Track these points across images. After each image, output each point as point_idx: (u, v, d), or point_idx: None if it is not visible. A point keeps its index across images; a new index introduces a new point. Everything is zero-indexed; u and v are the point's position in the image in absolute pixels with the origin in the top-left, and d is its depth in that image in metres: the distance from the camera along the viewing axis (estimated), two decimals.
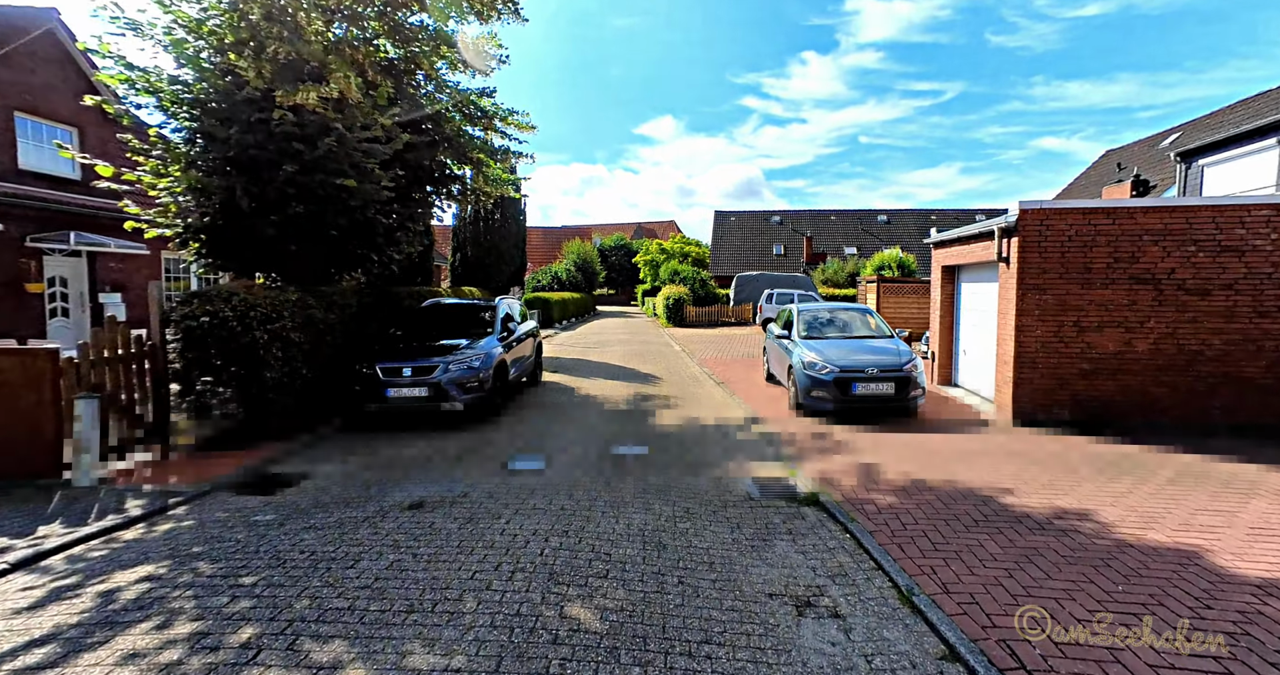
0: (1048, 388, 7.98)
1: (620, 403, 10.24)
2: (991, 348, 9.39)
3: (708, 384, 12.22)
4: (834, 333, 9.98)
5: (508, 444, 7.42)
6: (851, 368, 8.48)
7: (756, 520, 5.10)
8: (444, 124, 10.86)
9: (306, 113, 7.68)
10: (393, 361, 8.11)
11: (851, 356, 8.76)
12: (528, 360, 11.11)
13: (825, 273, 37.45)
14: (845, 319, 10.38)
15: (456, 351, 8.46)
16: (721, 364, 14.84)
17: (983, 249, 9.20)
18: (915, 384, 8.47)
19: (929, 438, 7.56)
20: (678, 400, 10.48)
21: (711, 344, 19.82)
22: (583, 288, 44.14)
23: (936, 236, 11.33)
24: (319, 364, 8.30)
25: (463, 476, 6.16)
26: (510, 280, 19.78)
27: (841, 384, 8.40)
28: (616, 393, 11.20)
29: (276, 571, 3.99)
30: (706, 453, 7.15)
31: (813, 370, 8.67)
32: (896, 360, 8.61)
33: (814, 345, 9.25)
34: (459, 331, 9.48)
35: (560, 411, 9.49)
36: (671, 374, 13.60)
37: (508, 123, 12.08)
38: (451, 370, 8.09)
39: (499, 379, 8.91)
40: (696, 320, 29.13)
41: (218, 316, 6.74)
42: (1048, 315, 7.91)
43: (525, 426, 8.38)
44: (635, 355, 17.14)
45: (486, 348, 8.79)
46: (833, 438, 7.69)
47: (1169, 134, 24.75)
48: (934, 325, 11.61)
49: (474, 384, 8.20)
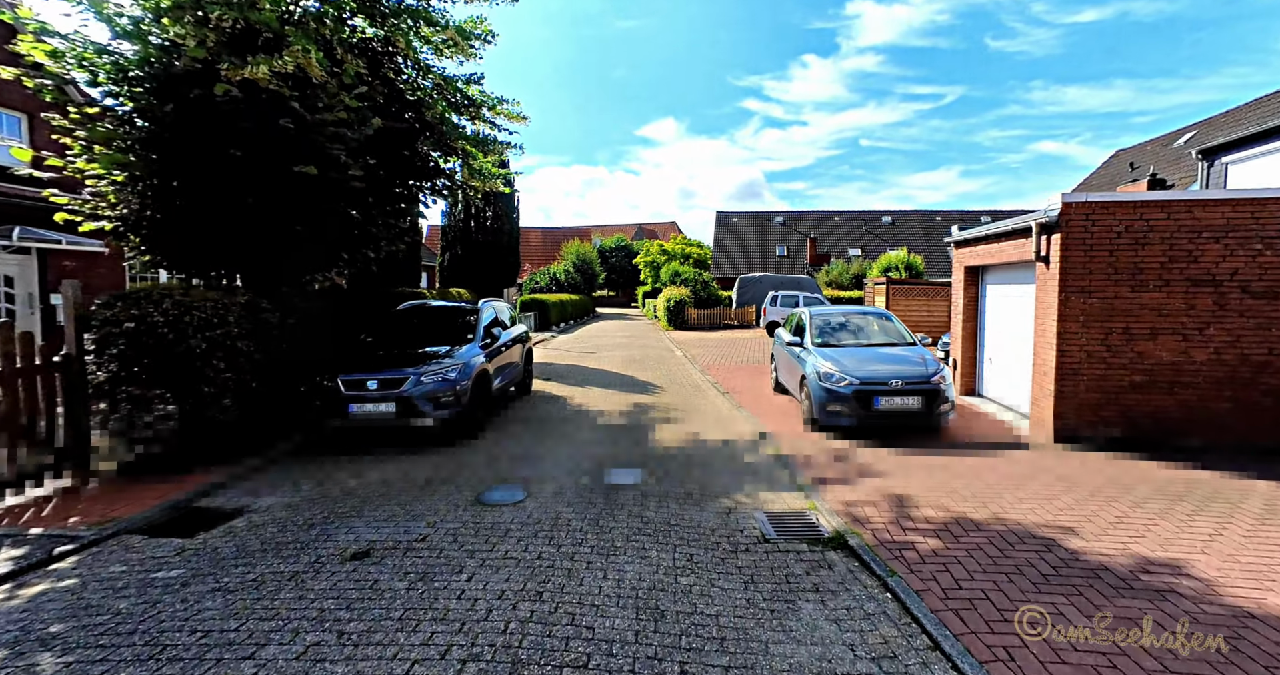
0: (1093, 402, 7.07)
1: (616, 416, 9.34)
2: (1025, 356, 8.49)
3: (711, 394, 11.31)
4: (850, 339, 9.08)
5: (485, 468, 6.50)
6: (873, 379, 7.58)
7: (775, 571, 4.19)
8: (425, 111, 9.96)
9: (259, 90, 6.79)
10: (357, 373, 7.20)
11: (872, 366, 7.86)
12: (515, 368, 10.21)
13: (829, 275, 36.54)
14: (862, 324, 9.48)
15: (431, 361, 7.55)
16: (725, 371, 13.94)
17: (1015, 248, 8.31)
18: (944, 397, 7.57)
19: (963, 459, 6.65)
20: (679, 413, 9.57)
21: (714, 348, 18.92)
22: (582, 289, 43.25)
23: (958, 235, 10.44)
24: (275, 375, 7.39)
25: (426, 512, 5.25)
26: (503, 281, 18.86)
27: (862, 398, 7.50)
28: (612, 404, 10.29)
29: (144, 669, 3.06)
30: (712, 478, 6.24)
31: (829, 382, 7.77)
32: (922, 371, 7.71)
33: (830, 354, 8.35)
34: (437, 338, 8.57)
35: (549, 426, 8.57)
36: (672, 382, 12.70)
37: (497, 112, 11.19)
38: (423, 383, 7.18)
39: (480, 391, 8.00)
40: (698, 323, 28.24)
41: (145, 321, 5.84)
42: (1094, 321, 7.02)
43: (508, 446, 7.46)
44: (634, 361, 16.24)
45: (465, 357, 7.89)
46: (854, 459, 6.78)
47: (1183, 133, 23.93)
48: (955, 331, 10.72)
49: (449, 398, 7.29)
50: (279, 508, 5.42)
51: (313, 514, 5.23)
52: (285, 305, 7.79)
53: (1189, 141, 22.26)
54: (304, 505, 5.46)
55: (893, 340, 9.05)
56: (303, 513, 5.26)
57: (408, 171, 10.39)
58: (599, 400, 10.63)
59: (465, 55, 10.83)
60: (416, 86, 10.23)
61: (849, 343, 8.93)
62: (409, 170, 10.39)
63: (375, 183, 9.51)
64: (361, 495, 5.70)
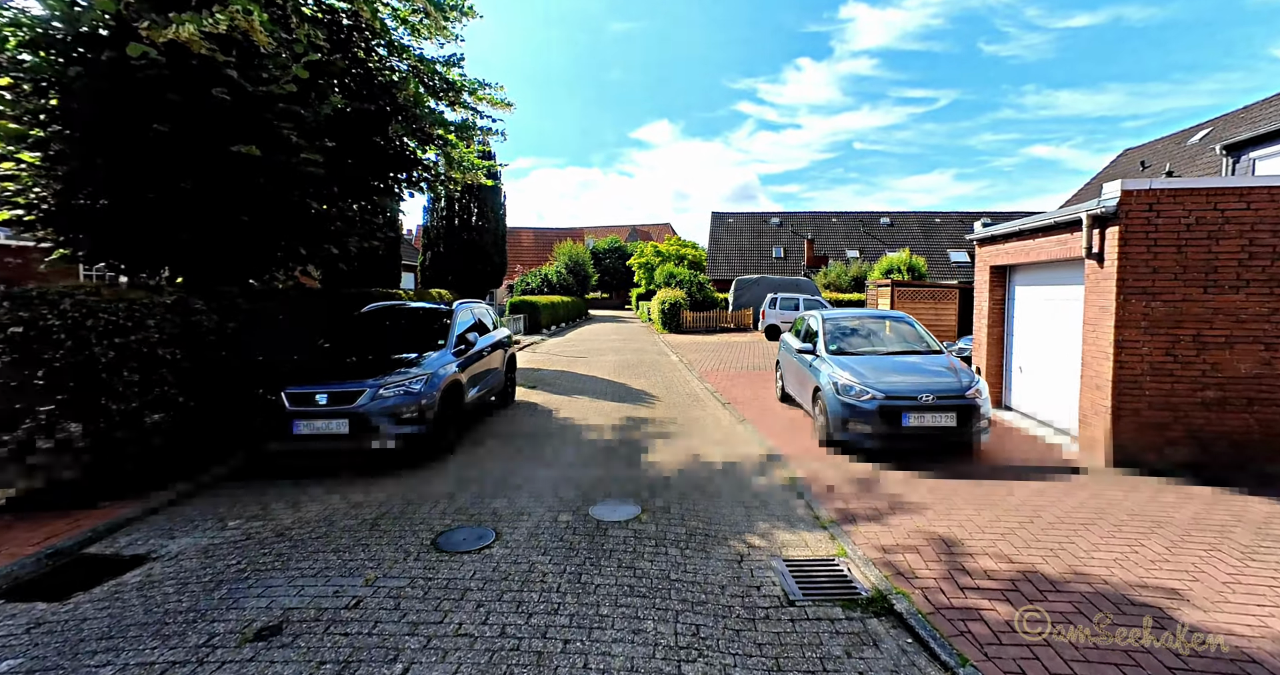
0: (1157, 421, 6.14)
1: (606, 431, 8.35)
2: (1067, 367, 7.56)
3: (711, 404, 10.34)
4: (868, 346, 8.13)
5: (450, 500, 5.50)
6: (900, 393, 6.62)
7: (806, 653, 3.23)
8: (397, 92, 8.96)
9: (187, 55, 5.79)
10: (304, 385, 6.18)
11: (897, 378, 6.90)
12: (495, 376, 9.21)
13: (828, 276, 35.68)
14: (879, 329, 8.53)
15: (393, 371, 6.55)
16: (725, 378, 12.98)
17: (1056, 244, 7.38)
18: (980, 414, 6.63)
19: (1011, 489, 5.70)
20: (677, 428, 8.59)
21: (712, 353, 17.96)
22: (574, 291, 42.24)
23: (983, 231, 9.51)
24: (212, 388, 6.38)
25: (368, 562, 4.25)
26: (488, 282, 17.84)
27: (888, 414, 6.54)
28: (603, 417, 9.30)
29: None
30: (717, 512, 5.27)
31: (849, 395, 6.81)
32: (955, 383, 6.76)
33: (847, 363, 7.39)
34: (404, 344, 7.57)
35: (530, 445, 7.58)
36: (669, 391, 11.72)
37: (478, 98, 10.23)
38: (382, 396, 6.17)
39: (449, 405, 7.01)
40: (694, 326, 27.28)
41: (37, 325, 4.82)
42: (1158, 327, 6.09)
43: (479, 470, 6.46)
44: (627, 367, 15.26)
45: (433, 366, 6.89)
46: (882, 487, 5.82)
47: (1197, 130, 23.17)
48: (978, 336, 9.79)
49: (413, 413, 6.28)
50: (191, 554, 4.41)
51: (228, 564, 4.22)
52: (227, 306, 6.77)
53: (1205, 139, 21.49)
54: (223, 550, 4.46)
55: (915, 347, 8.10)
56: (217, 562, 4.25)
57: (379, 160, 9.38)
58: (588, 412, 9.64)
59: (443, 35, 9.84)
60: (389, 68, 9.24)
61: (868, 350, 7.97)
62: (380, 159, 9.38)
63: (339, 171, 8.52)
64: (295, 537, 4.69)
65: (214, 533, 4.82)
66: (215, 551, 4.45)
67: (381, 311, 8.37)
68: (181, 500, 5.54)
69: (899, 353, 7.89)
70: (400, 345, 7.51)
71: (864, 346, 8.11)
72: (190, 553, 4.44)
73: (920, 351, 7.95)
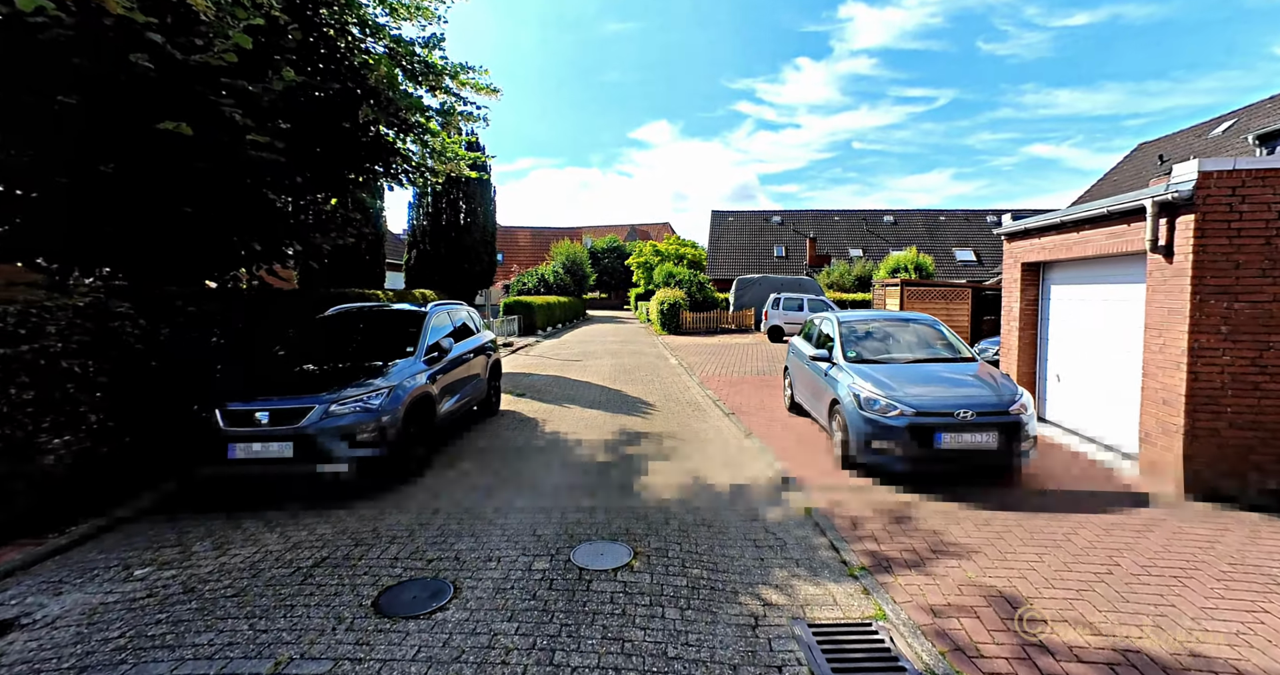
0: (1241, 443, 5.25)
1: (598, 448, 7.47)
2: (1119, 377, 6.68)
3: (713, 415, 9.46)
4: (891, 353, 7.24)
5: (405, 541, 4.62)
6: (933, 408, 5.74)
7: None
8: (368, 73, 8.08)
9: (99, 14, 4.92)
10: (244, 401, 5.30)
11: (929, 391, 6.02)
12: (476, 385, 8.34)
13: (830, 276, 34.77)
14: (901, 333, 7.64)
15: (351, 383, 5.66)
16: (728, 384, 12.09)
17: (1107, 237, 6.50)
18: (1026, 433, 5.75)
19: (1072, 525, 4.82)
20: (676, 443, 7.71)
21: (713, 356, 17.08)
22: (571, 291, 41.35)
23: (1013, 225, 8.63)
24: (140, 405, 5.50)
25: (287, 633, 3.37)
26: (478, 282, 16.94)
27: (920, 433, 5.66)
28: (594, 430, 8.42)
29: None
30: (724, 555, 4.39)
31: (873, 410, 5.94)
32: (995, 396, 5.87)
33: (869, 373, 6.51)
34: (369, 351, 6.70)
35: (511, 466, 6.70)
36: (667, 398, 10.84)
37: (461, 82, 9.38)
38: (335, 413, 5.29)
39: (417, 421, 6.13)
40: (694, 327, 26.41)
41: None
42: (1242, 333, 5.20)
43: (448, 498, 5.57)
44: (623, 371, 14.38)
45: (399, 376, 6.01)
46: (918, 521, 4.94)
47: (1219, 122, 22.30)
48: (1007, 340, 8.91)
49: (371, 433, 5.40)
50: (72, 619, 3.54)
51: (107, 638, 3.34)
52: (161, 309, 5.89)
53: (1230, 130, 20.63)
54: (111, 614, 3.58)
55: (943, 353, 7.22)
56: (95, 635, 3.37)
57: (351, 149, 8.50)
58: (579, 424, 8.76)
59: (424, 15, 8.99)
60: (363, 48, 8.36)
61: (892, 357, 7.09)
62: (352, 147, 8.50)
63: (304, 160, 7.67)
64: (207, 594, 3.81)
65: (112, 586, 3.94)
66: (101, 617, 3.57)
67: (346, 315, 7.49)
68: (88, 540, 4.67)
69: (926, 360, 7.01)
70: (364, 353, 6.63)
71: (886, 353, 7.23)
72: (71, 617, 3.56)
73: (950, 359, 7.07)
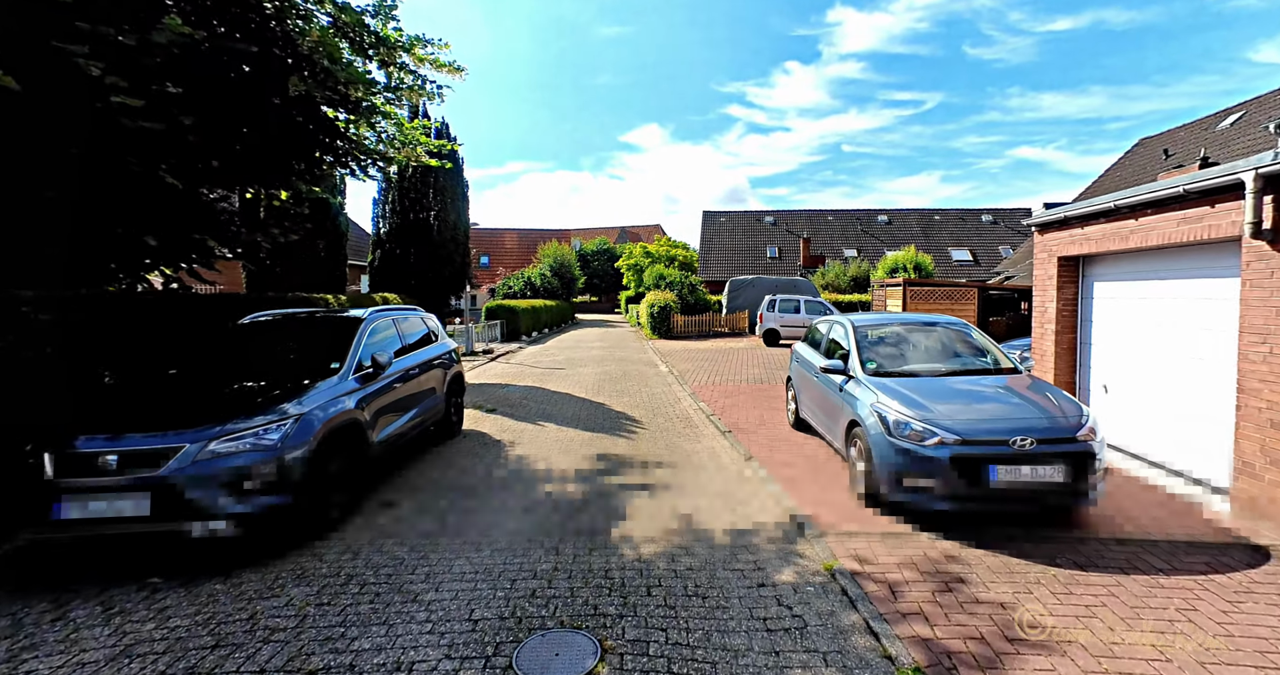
0: None
1: (570, 479, 6.27)
2: (1193, 390, 5.57)
3: (707, 432, 8.28)
4: (918, 363, 6.10)
5: (288, 636, 3.38)
6: (982, 435, 4.59)
7: None
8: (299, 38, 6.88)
9: None
10: (88, 439, 4.04)
11: (973, 412, 4.87)
12: (429, 405, 7.12)
13: (825, 277, 33.76)
14: (925, 340, 6.50)
15: (244, 413, 4.43)
16: (723, 395, 10.93)
17: (1178, 223, 5.40)
18: (1098, 464, 4.61)
19: (1183, 592, 3.67)
20: (664, 472, 6.52)
21: (705, 362, 15.93)
22: (559, 295, 40.07)
23: (1049, 213, 7.53)
24: None
25: None
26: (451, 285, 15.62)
27: (966, 466, 4.51)
28: (569, 454, 7.23)
29: None
30: (723, 651, 3.20)
31: (904, 437, 4.78)
32: (1057, 419, 4.73)
33: (896, 389, 5.35)
34: (287, 369, 5.47)
35: (459, 507, 5.48)
36: (655, 413, 9.65)
37: (418, 57, 8.21)
38: (214, 454, 4.06)
39: (340, 455, 4.92)
40: (685, 331, 25.26)
41: None
42: None
43: (366, 561, 4.33)
44: (609, 381, 13.18)
45: (314, 402, 4.78)
46: (978, 589, 3.78)
47: (1227, 114, 21.45)
48: (1042, 345, 7.81)
49: (266, 477, 4.17)
50: None
51: None
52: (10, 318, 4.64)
53: (1240, 122, 19.77)
54: None
55: (980, 364, 6.09)
56: None
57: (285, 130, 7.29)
58: (552, 447, 7.55)
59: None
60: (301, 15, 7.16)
61: (918, 369, 5.94)
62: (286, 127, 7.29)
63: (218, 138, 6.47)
64: None
65: None
66: None
67: (264, 324, 6.24)
68: None
69: (960, 372, 5.87)
70: (279, 370, 5.40)
71: (912, 364, 6.08)
72: None
73: (988, 370, 5.93)
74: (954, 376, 5.72)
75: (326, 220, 12.98)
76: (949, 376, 5.72)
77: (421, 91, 8.33)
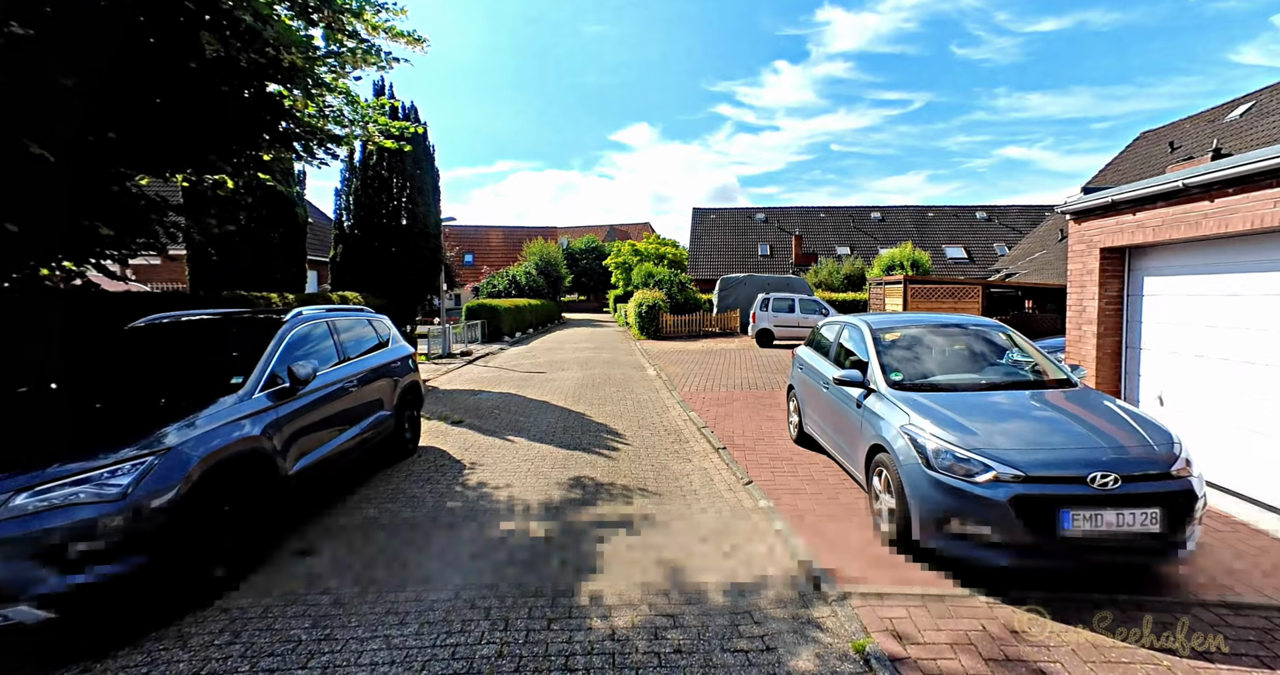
0: None
1: (534, 513, 5.23)
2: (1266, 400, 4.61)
3: (699, 449, 7.27)
4: (952, 374, 5.10)
5: None
6: (1051, 470, 3.60)
7: None
8: None
9: None
10: None
11: (1032, 437, 3.88)
12: (372, 424, 6.05)
13: (818, 275, 32.88)
14: (956, 345, 5.51)
15: (85, 450, 3.33)
16: (716, 403, 9.91)
17: (1275, 204, 4.44)
18: (1198, 506, 3.62)
19: None
20: (647, 501, 5.49)
21: (696, 365, 14.92)
22: (545, 293, 38.95)
23: (1088, 199, 6.57)
24: None
25: None
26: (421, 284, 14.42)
27: (1031, 509, 3.51)
28: (538, 478, 6.18)
29: None
30: None
31: (947, 469, 3.78)
32: (1142, 446, 3.75)
33: (931, 407, 4.34)
34: (176, 384, 4.39)
35: (392, 555, 4.42)
36: (641, 425, 8.62)
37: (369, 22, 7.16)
38: (21, 511, 2.98)
39: (234, 496, 3.85)
40: (675, 331, 24.27)
41: None
42: None
43: (243, 649, 3.26)
44: (592, 387, 12.13)
45: (191, 431, 3.69)
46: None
47: (1235, 105, 20.73)
48: (1078, 350, 6.86)
49: (107, 539, 3.10)
50: None
51: None
52: None
53: (1250, 112, 19.03)
54: None
55: (1026, 375, 5.11)
56: None
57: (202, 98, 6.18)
58: (519, 469, 6.50)
59: None
60: None
61: (955, 382, 4.94)
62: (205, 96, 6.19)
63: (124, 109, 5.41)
64: None
65: None
66: None
67: (159, 329, 5.13)
68: None
69: (1004, 386, 4.87)
70: (161, 388, 4.31)
71: (945, 375, 5.08)
72: None
73: (1035, 382, 4.95)
74: (997, 391, 4.72)
75: (282, 210, 11.83)
76: (991, 391, 4.73)
77: (371, 58, 7.25)
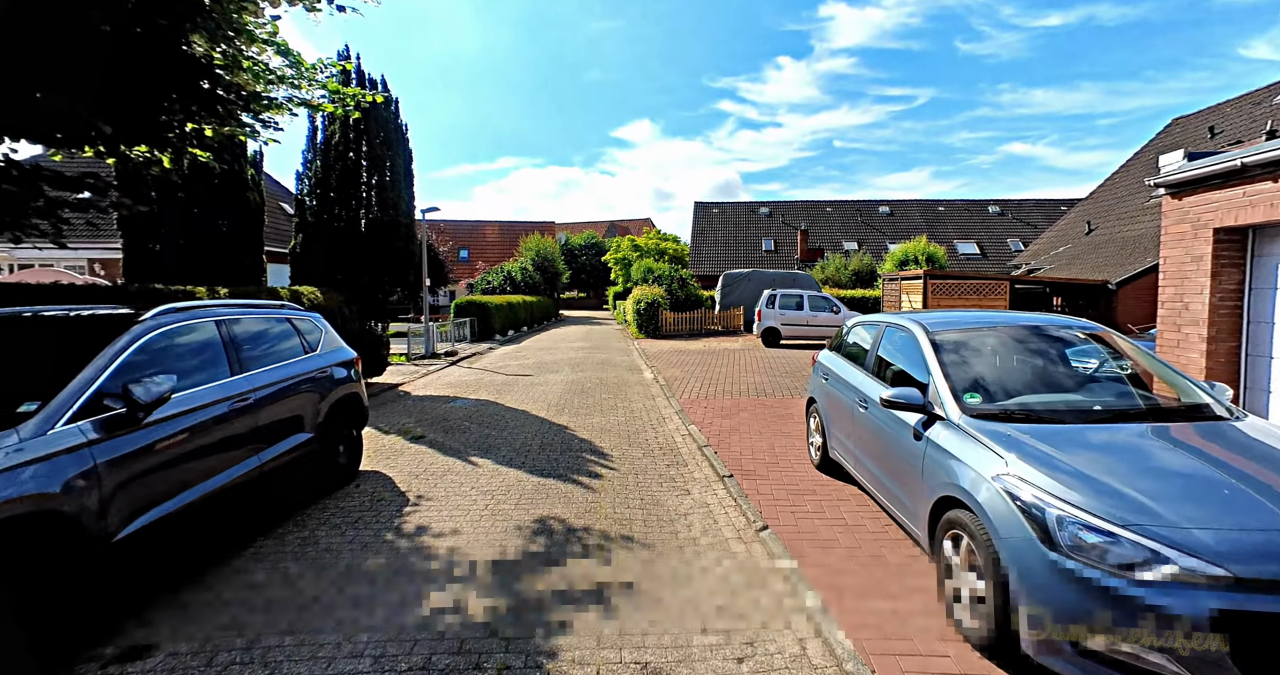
0: None
1: (480, 575, 3.88)
2: None
3: (699, 477, 5.91)
4: (1048, 395, 3.73)
5: None
6: (1273, 566, 2.23)
7: None
8: None
9: None
10: None
11: (1226, 506, 2.52)
12: (279, 452, 4.71)
13: (825, 271, 31.44)
14: (1041, 357, 4.14)
15: None
16: (720, 414, 8.55)
17: None
18: None
19: None
20: (631, 560, 4.13)
21: (698, 367, 13.56)
22: (542, 290, 37.57)
23: (1193, 166, 5.18)
24: None
25: None
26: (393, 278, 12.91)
27: (1248, 631, 2.14)
28: (494, 520, 4.83)
29: None
30: None
31: (1079, 552, 2.43)
32: None
33: (1039, 451, 2.97)
34: None
35: (261, 653, 3.07)
36: (632, 443, 7.27)
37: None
38: None
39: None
40: (675, 329, 22.92)
41: None
42: None
43: None
44: (580, 393, 10.77)
45: None
46: None
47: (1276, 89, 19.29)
48: (1182, 356, 5.48)
49: None
50: None
51: None
52: None
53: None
54: None
55: (1155, 398, 3.74)
56: None
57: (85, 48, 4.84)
58: (474, 506, 5.15)
59: None
60: None
61: (1054, 408, 3.56)
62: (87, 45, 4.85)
63: None
64: None
65: None
66: None
67: None
68: None
69: (1126, 416, 3.50)
70: None
71: (1039, 397, 3.71)
72: None
73: (1185, 410, 3.58)
74: (1125, 422, 3.35)
75: (230, 193, 10.46)
76: (1115, 422, 3.36)
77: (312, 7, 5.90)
